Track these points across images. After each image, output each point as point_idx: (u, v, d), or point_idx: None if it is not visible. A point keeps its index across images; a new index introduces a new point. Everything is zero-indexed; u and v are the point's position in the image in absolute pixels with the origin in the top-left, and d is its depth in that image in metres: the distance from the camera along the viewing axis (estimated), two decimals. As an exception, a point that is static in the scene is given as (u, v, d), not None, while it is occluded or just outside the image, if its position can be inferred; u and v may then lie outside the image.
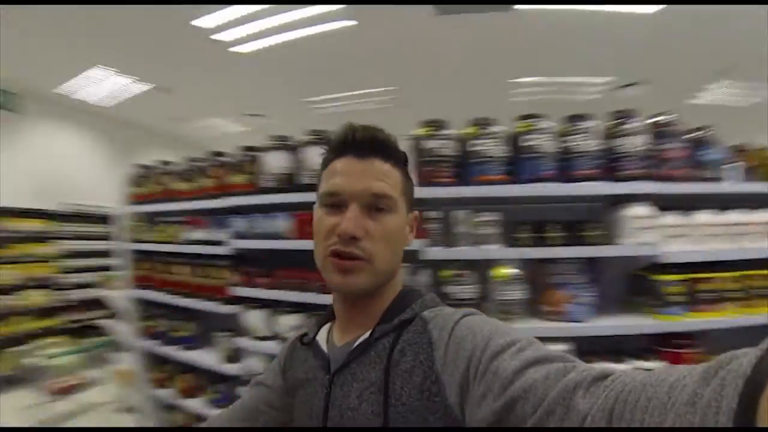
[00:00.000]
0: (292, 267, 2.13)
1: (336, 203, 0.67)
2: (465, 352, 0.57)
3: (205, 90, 5.28)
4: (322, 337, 0.78)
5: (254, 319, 2.26)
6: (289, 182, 2.08)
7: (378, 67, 4.53)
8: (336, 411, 0.67)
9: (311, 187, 1.87)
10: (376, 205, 0.66)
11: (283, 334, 2.12)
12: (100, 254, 5.58)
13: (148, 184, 2.83)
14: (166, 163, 2.83)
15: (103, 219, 5.56)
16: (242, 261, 2.30)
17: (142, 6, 3.24)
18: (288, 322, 2.14)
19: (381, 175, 0.67)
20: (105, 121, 6.35)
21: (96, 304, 5.21)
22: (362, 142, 0.68)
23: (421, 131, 1.77)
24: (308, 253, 1.97)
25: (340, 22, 3.60)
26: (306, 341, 0.80)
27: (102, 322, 3.54)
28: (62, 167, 5.83)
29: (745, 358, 0.33)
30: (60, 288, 5.22)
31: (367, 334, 0.68)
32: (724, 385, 0.33)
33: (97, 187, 6.12)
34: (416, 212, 0.75)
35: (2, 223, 4.76)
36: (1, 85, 4.39)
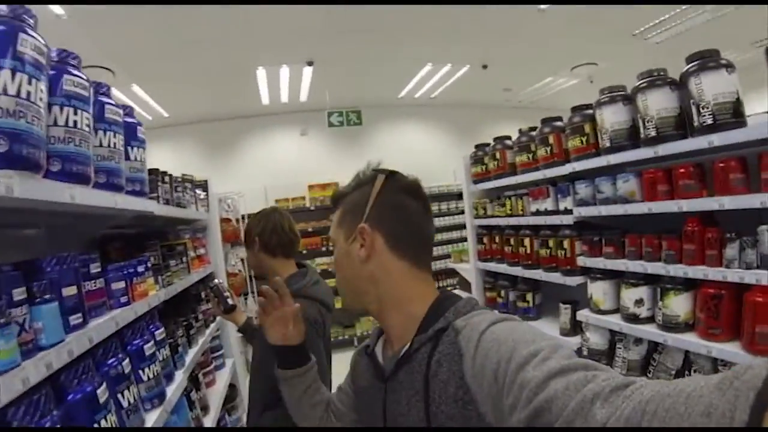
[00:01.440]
0: (639, 233, 2.46)
1: None
2: (491, 363, 0.71)
3: (517, 56, 6.21)
4: (379, 348, 1.06)
5: (597, 291, 2.70)
6: (630, 137, 2.41)
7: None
8: (391, 415, 0.94)
9: (656, 140, 2.20)
10: (331, 244, 1.06)
11: (626, 308, 2.46)
12: (456, 228, 7.54)
13: (488, 161, 3.78)
14: (501, 138, 3.69)
15: (457, 195, 7.52)
16: (587, 229, 2.81)
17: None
18: (632, 296, 2.45)
19: (331, 223, 1.07)
20: (440, 109, 8.40)
21: (450, 274, 6.93)
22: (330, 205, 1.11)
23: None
24: (657, 217, 2.19)
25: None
26: (368, 352, 1.08)
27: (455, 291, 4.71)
28: (411, 158, 7.84)
29: (760, 369, 0.40)
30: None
31: (407, 346, 0.91)
32: (737, 395, 0.40)
33: (448, 166, 7.89)
34: (361, 225, 0.97)
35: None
36: (356, 105, 6.58)
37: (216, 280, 2.41)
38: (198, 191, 3.53)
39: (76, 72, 1.20)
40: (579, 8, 4.69)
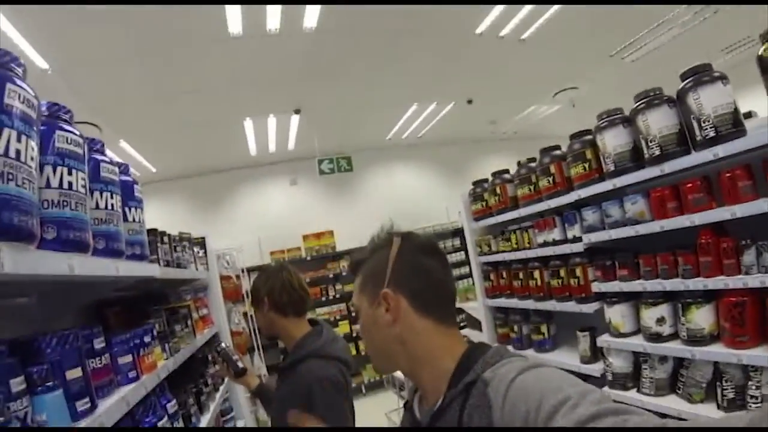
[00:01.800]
0: (652, 252, 2.43)
1: None
2: (520, 413, 0.72)
3: (500, 88, 6.38)
4: (416, 402, 1.07)
5: (615, 315, 2.65)
6: (633, 159, 2.43)
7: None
8: None
9: (661, 158, 2.24)
10: (355, 311, 1.07)
11: (648, 328, 2.43)
12: (456, 265, 7.51)
13: (488, 197, 3.76)
14: (499, 173, 3.69)
15: (452, 233, 7.64)
16: (598, 254, 2.77)
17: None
18: (653, 315, 2.42)
19: (353, 290, 1.09)
20: (428, 148, 8.50)
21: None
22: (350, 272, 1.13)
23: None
24: (665, 235, 2.13)
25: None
26: (407, 407, 1.10)
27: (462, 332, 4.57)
28: (403, 199, 7.97)
29: None
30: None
31: (440, 401, 0.91)
32: None
33: (441, 204, 7.99)
34: (384, 290, 0.98)
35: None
36: (344, 150, 6.67)
37: (222, 344, 2.33)
38: (196, 249, 3.46)
39: (68, 127, 1.10)
40: (557, 35, 4.82)
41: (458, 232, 7.78)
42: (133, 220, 1.60)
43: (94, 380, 1.18)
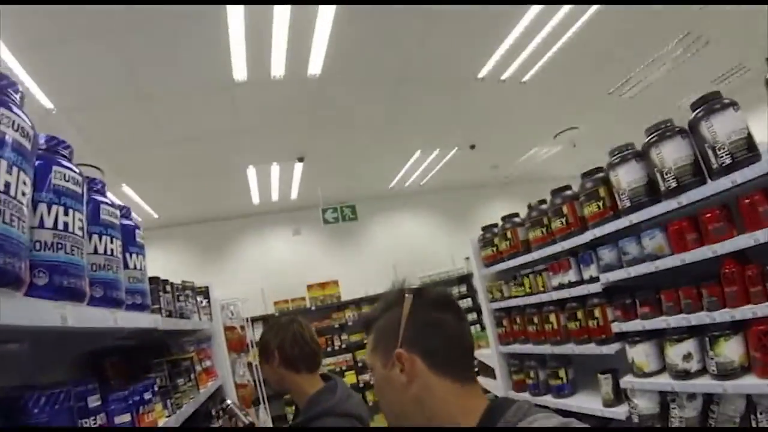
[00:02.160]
0: (673, 287, 2.36)
1: None
2: None
3: (502, 132, 6.46)
4: None
5: (638, 354, 2.54)
6: (648, 193, 2.40)
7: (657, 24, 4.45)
8: None
9: (677, 190, 2.21)
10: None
11: (675, 366, 2.33)
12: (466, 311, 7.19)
13: (498, 242, 3.69)
14: (509, 216, 3.66)
15: (457, 280, 7.58)
16: (616, 293, 2.68)
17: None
18: (679, 352, 2.31)
19: (366, 348, 1.07)
20: (430, 195, 8.52)
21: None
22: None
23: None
24: (688, 268, 2.07)
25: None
26: None
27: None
28: (407, 248, 7.93)
29: None
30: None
31: None
32: None
33: (445, 250, 7.97)
34: (396, 351, 0.95)
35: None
36: (348, 200, 6.71)
37: (227, 401, 2.25)
38: (199, 298, 3.38)
39: (67, 164, 1.01)
40: (557, 75, 4.90)
41: (464, 279, 7.70)
42: (134, 267, 1.49)
43: (87, 444, 1.07)
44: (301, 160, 5.59)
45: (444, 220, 8.66)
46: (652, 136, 2.34)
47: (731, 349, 2.11)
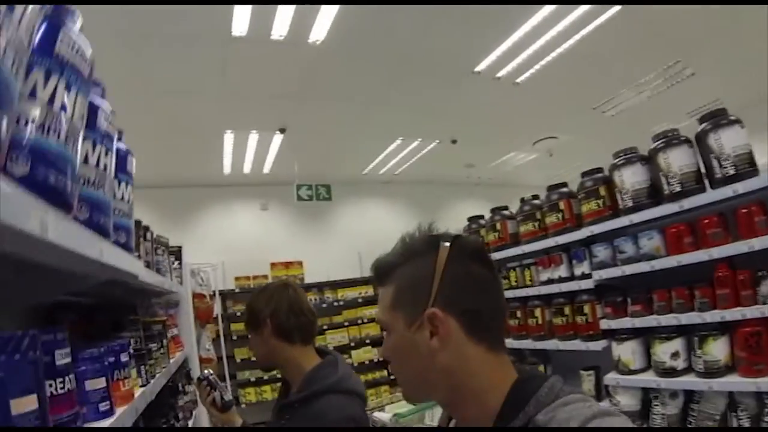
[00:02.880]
0: (662, 288, 2.52)
1: None
2: None
3: (485, 131, 6.55)
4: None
5: (625, 351, 2.67)
6: (650, 196, 2.56)
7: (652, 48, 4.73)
8: None
9: (680, 195, 2.38)
10: (382, 329, 0.92)
11: (662, 363, 2.48)
12: None
13: (485, 234, 3.75)
14: (499, 209, 3.73)
15: None
16: (606, 291, 2.82)
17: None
18: (667, 350, 2.47)
19: (379, 302, 0.93)
20: (402, 186, 8.59)
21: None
22: (372, 279, 0.97)
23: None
24: (678, 270, 2.43)
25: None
26: None
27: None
28: (374, 236, 7.85)
29: None
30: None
31: None
32: None
33: None
34: (429, 310, 0.82)
35: (335, 293, 7.20)
36: (321, 180, 6.66)
37: (207, 371, 2.03)
38: (171, 258, 3.18)
39: (72, 24, 0.77)
40: (550, 81, 5.05)
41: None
42: (122, 199, 1.25)
43: (52, 413, 0.78)
44: (282, 131, 5.48)
45: (412, 213, 8.71)
46: (659, 141, 2.50)
47: (718, 349, 2.29)
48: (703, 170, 2.40)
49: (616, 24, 4.08)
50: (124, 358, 1.24)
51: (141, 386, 1.48)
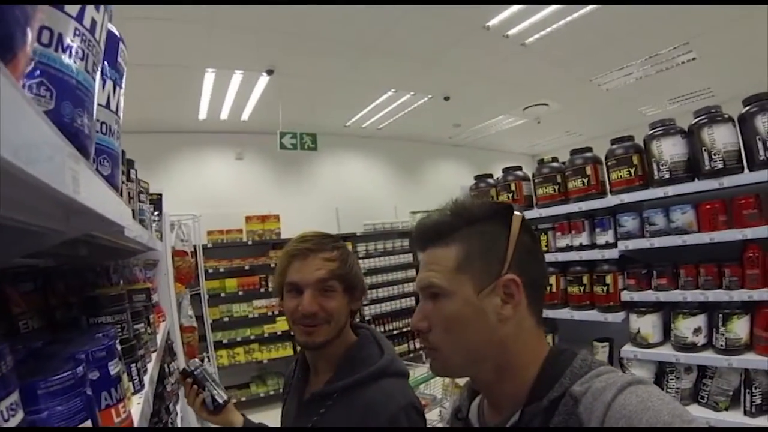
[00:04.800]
0: (688, 263, 2.62)
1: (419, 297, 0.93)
2: None
3: (480, 90, 6.48)
4: (474, 413, 0.97)
5: (645, 325, 2.77)
6: (688, 170, 2.60)
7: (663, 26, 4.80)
8: None
9: (721, 172, 2.45)
10: (431, 294, 0.87)
11: (684, 338, 2.60)
12: (404, 267, 7.74)
13: (495, 194, 3.74)
14: (512, 169, 3.68)
15: (401, 234, 7.73)
16: (628, 263, 2.88)
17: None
18: (690, 325, 2.58)
19: (431, 264, 0.88)
20: (384, 142, 8.49)
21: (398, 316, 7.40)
22: (416, 240, 0.93)
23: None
24: (702, 247, 2.54)
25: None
26: (460, 417, 0.99)
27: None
28: (354, 192, 8.03)
29: None
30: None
31: (516, 416, 0.81)
32: None
33: (389, 202, 8.19)
34: (507, 276, 0.83)
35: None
36: (304, 129, 6.37)
37: (192, 364, 1.60)
38: (150, 207, 2.74)
39: None
40: (557, 48, 5.02)
41: (405, 234, 7.82)
42: (108, 106, 0.87)
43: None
44: (270, 72, 5.18)
45: (392, 171, 8.70)
46: (702, 117, 2.54)
47: (741, 327, 2.41)
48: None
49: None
50: (113, 367, 0.83)
51: (134, 392, 1.15)
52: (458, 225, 0.86)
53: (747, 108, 2.41)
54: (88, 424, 0.66)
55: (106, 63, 0.87)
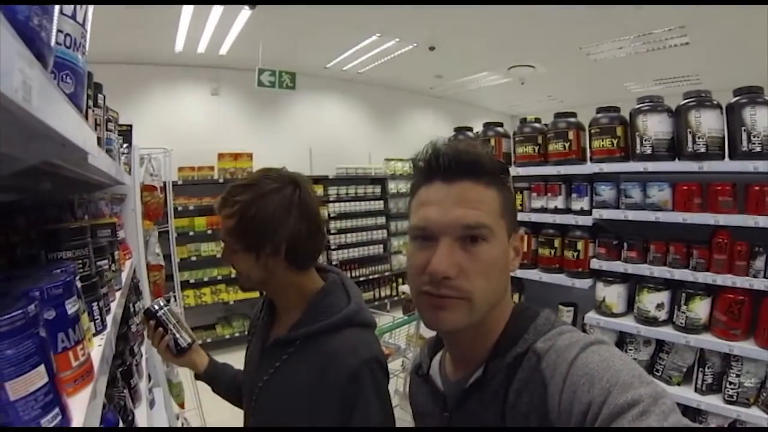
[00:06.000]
0: (665, 241, 2.66)
1: (427, 237, 0.79)
2: (581, 404, 0.66)
3: (468, 43, 6.32)
4: (435, 370, 0.96)
5: (611, 294, 2.85)
6: (670, 149, 2.61)
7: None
8: None
9: (703, 156, 2.47)
10: (470, 237, 0.77)
11: (646, 311, 2.69)
12: (374, 214, 7.77)
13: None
14: (492, 125, 3.51)
15: (373, 180, 7.82)
16: (599, 232, 2.93)
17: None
18: (653, 300, 2.66)
19: (474, 202, 0.78)
20: (363, 87, 8.31)
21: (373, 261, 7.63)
22: (449, 165, 0.80)
23: None
24: (675, 227, 2.59)
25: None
26: (420, 374, 0.99)
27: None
28: (329, 134, 7.93)
29: None
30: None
31: (480, 372, 0.81)
32: None
33: (364, 147, 8.20)
34: (521, 231, 0.88)
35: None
36: (283, 67, 6.10)
37: (159, 301, 1.52)
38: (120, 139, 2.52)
39: None
40: (553, 10, 4.85)
41: (378, 180, 7.86)
42: (73, 17, 0.74)
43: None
44: (252, 5, 4.84)
45: (369, 117, 8.59)
46: (691, 99, 2.54)
47: (701, 308, 2.51)
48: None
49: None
50: (71, 306, 0.78)
51: (96, 333, 1.07)
52: (495, 168, 0.82)
53: (737, 98, 2.42)
54: (42, 369, 0.61)
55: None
